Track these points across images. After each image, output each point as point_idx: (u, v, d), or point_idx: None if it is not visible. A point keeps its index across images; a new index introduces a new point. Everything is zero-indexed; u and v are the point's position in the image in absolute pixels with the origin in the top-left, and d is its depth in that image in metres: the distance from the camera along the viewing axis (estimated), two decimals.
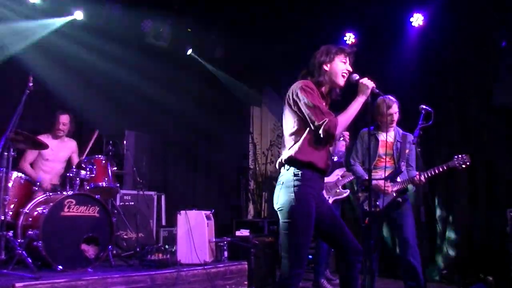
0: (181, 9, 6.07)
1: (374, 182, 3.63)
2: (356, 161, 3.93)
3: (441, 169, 3.56)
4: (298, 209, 2.45)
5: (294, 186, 2.47)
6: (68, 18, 5.71)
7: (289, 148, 2.55)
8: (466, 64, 5.47)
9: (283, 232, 2.50)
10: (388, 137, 3.79)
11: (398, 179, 3.70)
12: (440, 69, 5.70)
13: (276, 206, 2.56)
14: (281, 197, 2.52)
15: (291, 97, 2.57)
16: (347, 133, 3.29)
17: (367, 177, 3.64)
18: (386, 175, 3.64)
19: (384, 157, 3.74)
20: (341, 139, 4.41)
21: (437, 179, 4.41)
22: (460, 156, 3.57)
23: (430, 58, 5.74)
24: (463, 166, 3.56)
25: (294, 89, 2.58)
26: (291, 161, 2.52)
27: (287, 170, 2.54)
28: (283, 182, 2.53)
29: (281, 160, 2.60)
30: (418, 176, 3.56)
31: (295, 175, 2.49)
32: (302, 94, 2.51)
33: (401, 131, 3.88)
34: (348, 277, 2.57)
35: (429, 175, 3.59)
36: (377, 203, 3.66)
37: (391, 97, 3.79)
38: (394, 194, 3.65)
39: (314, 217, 2.48)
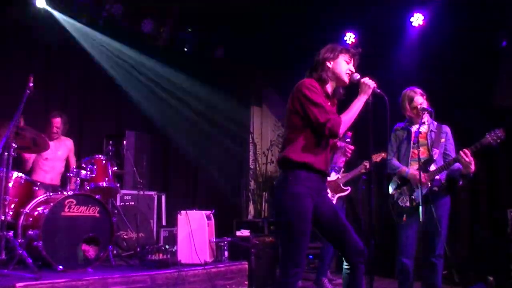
0: (181, 9, 6.08)
1: (410, 172, 3.53)
2: (392, 156, 3.76)
3: (474, 148, 3.29)
4: (293, 208, 2.45)
5: (289, 186, 2.48)
6: None
7: (286, 148, 2.55)
8: (466, 64, 5.47)
9: (280, 232, 2.51)
10: (421, 128, 3.61)
11: (433, 167, 3.50)
12: (440, 69, 5.70)
13: (274, 207, 2.58)
14: (277, 197, 2.53)
15: (294, 95, 2.57)
16: (352, 147, 3.13)
17: (401, 170, 3.58)
18: (420, 165, 3.47)
19: (418, 147, 3.52)
20: (345, 139, 4.26)
21: None
22: (492, 132, 3.28)
23: (430, 58, 5.74)
24: (498, 141, 3.27)
25: (298, 87, 2.57)
26: (286, 161, 2.53)
27: (283, 170, 2.55)
28: (279, 182, 2.55)
29: (278, 159, 2.61)
30: (462, 153, 3.26)
31: (289, 175, 2.49)
32: (306, 92, 2.51)
33: (435, 122, 3.69)
34: (351, 278, 2.54)
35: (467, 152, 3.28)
36: (413, 197, 3.54)
37: (415, 89, 3.67)
38: (429, 184, 3.46)
39: (311, 216, 2.47)
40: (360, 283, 2.53)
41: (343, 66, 2.63)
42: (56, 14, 5.57)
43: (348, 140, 3.77)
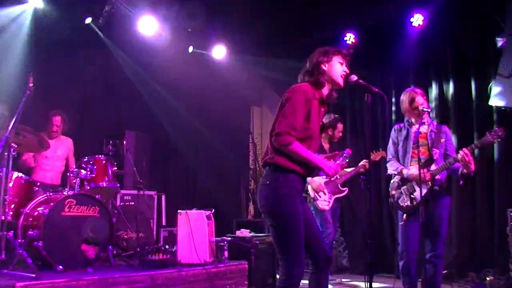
0: (181, 9, 6.07)
1: (410, 173, 3.54)
2: (392, 157, 3.78)
3: (474, 147, 3.37)
4: (285, 209, 2.45)
5: (278, 187, 2.47)
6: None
7: (274, 149, 2.53)
8: (465, 64, 5.47)
9: (274, 235, 2.50)
10: (420, 128, 3.60)
11: (433, 167, 3.50)
12: (439, 69, 5.71)
13: (261, 207, 2.55)
14: (266, 198, 2.51)
15: (285, 97, 2.58)
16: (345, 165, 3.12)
17: (402, 170, 3.60)
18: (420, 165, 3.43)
19: (418, 148, 3.49)
20: (344, 154, 4.17)
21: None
22: (493, 131, 3.35)
23: (430, 58, 5.74)
24: (499, 140, 3.35)
25: (294, 89, 2.58)
26: (274, 163, 2.52)
27: (270, 171, 2.54)
28: (266, 183, 2.53)
29: (265, 160, 2.59)
30: (462, 152, 3.29)
31: (278, 176, 2.49)
32: (292, 95, 2.53)
33: (435, 122, 3.73)
34: (317, 281, 2.58)
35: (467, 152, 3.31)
36: (413, 196, 3.54)
37: (416, 89, 3.67)
38: (430, 184, 3.47)
39: (302, 215, 2.48)
40: (326, 285, 2.60)
41: (338, 67, 2.65)
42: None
43: (345, 155, 3.76)
